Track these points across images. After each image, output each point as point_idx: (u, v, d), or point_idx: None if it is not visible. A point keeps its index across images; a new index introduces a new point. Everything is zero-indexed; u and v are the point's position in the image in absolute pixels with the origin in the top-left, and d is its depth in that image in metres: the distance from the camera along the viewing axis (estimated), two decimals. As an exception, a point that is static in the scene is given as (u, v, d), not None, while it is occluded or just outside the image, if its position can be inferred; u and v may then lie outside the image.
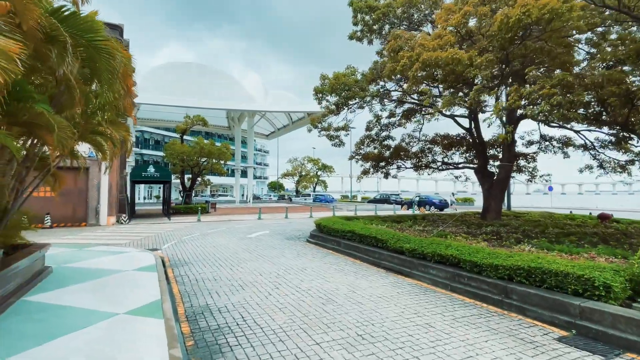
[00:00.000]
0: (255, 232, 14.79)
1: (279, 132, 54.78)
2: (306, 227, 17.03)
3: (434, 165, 16.16)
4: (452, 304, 5.71)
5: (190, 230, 15.56)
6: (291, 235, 13.94)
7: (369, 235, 9.29)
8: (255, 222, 19.52)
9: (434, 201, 30.67)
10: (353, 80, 12.42)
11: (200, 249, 10.67)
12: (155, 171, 19.24)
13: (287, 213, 23.05)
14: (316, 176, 72.33)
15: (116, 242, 12.01)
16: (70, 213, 17.25)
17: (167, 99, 34.19)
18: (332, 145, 15.02)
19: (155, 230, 15.56)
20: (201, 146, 24.75)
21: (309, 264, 8.49)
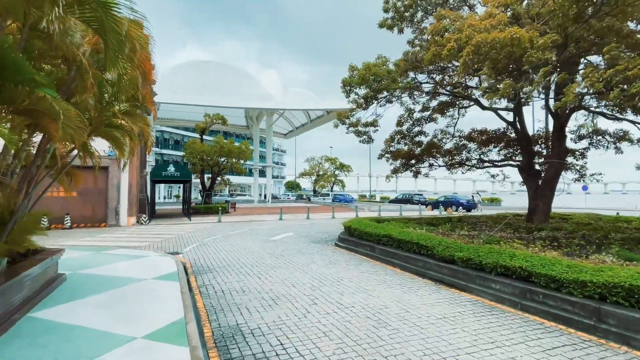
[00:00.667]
0: (279, 234, 14.00)
1: (297, 131, 54.09)
2: (331, 228, 16.14)
3: (469, 163, 14.96)
4: (531, 329, 4.69)
5: (211, 232, 14.91)
6: (317, 238, 13.06)
7: (409, 240, 8.30)
8: (277, 223, 18.76)
9: (460, 201, 29.22)
10: (385, 70, 11.42)
11: (224, 254, 9.92)
12: (175, 170, 18.76)
13: (309, 214, 22.23)
14: (333, 175, 71.41)
15: (135, 245, 11.43)
16: (90, 213, 16.92)
17: (186, 97, 33.95)
18: (360, 142, 14.05)
19: (175, 232, 14.98)
20: (221, 145, 24.21)
21: (345, 273, 7.57)
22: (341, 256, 9.62)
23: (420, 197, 35.02)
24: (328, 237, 13.48)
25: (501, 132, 14.22)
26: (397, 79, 11.62)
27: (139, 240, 12.47)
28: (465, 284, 6.53)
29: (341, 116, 13.21)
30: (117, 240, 12.57)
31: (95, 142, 8.64)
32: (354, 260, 9.02)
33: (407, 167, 14.90)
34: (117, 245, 11.39)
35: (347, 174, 75.67)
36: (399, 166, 14.70)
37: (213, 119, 26.45)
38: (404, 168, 14.88)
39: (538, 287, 5.46)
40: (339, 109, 40.48)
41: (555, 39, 7.22)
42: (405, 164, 14.70)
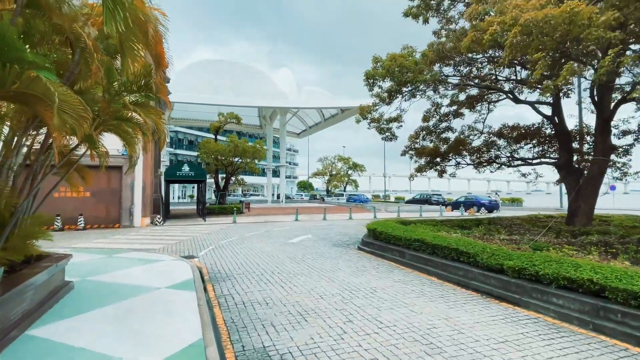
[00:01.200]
0: (297, 237, 13.32)
1: (310, 130, 53.45)
2: (351, 230, 15.39)
3: (499, 161, 14.01)
4: (616, 357, 3.86)
5: (227, 233, 14.34)
6: (338, 241, 12.33)
7: (446, 246, 7.50)
8: (294, 225, 18.11)
9: (482, 202, 28.03)
10: (412, 61, 10.61)
11: (242, 257, 9.28)
12: (189, 170, 18.32)
13: (325, 214, 21.52)
14: (346, 175, 70.49)
15: (149, 248, 10.91)
16: (104, 214, 16.58)
17: (200, 97, 33.68)
18: (383, 139, 13.28)
19: (190, 233, 14.47)
20: (235, 144, 23.71)
21: (377, 283, 6.83)
22: (368, 262, 8.86)
23: (438, 198, 33.88)
24: (349, 239, 12.74)
25: (535, 127, 13.22)
26: (425, 71, 10.80)
27: (153, 243, 11.96)
28: (519, 297, 5.70)
29: (363, 111, 12.45)
30: (130, 242, 12.09)
31: (107, 140, 8.14)
32: (383, 267, 8.26)
33: (432, 165, 14.05)
34: (130, 247, 10.89)
35: (361, 173, 74.77)
36: (423, 164, 13.86)
37: (227, 118, 26.02)
38: (428, 166, 14.04)
39: (614, 304, 4.62)
40: (354, 107, 39.64)
41: (617, 16, 6.32)
42: (430, 162, 13.86)
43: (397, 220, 12.29)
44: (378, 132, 12.97)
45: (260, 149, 25.01)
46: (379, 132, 12.99)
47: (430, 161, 13.91)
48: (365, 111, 12.43)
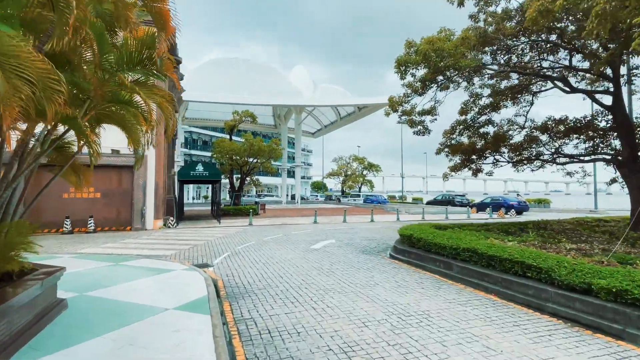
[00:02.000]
0: (319, 242, 12.21)
1: (325, 130, 52.36)
2: (377, 235, 14.19)
3: (542, 158, 12.61)
4: None
5: (243, 237, 13.34)
6: (366, 248, 11.17)
7: (508, 258, 6.25)
8: (313, 228, 17.01)
9: (510, 203, 26.36)
10: (452, 44, 9.36)
11: (262, 267, 8.22)
12: (204, 170, 17.47)
13: (345, 216, 20.36)
14: (362, 175, 69.11)
15: (160, 254, 9.98)
16: (115, 216, 15.82)
17: (214, 95, 33.00)
18: (414, 134, 12.04)
19: (204, 237, 13.54)
20: (251, 143, 22.80)
21: (428, 304, 5.64)
22: (407, 274, 7.67)
23: (462, 199, 32.22)
24: (377, 246, 11.56)
25: (587, 120, 11.77)
26: (465, 55, 9.53)
27: (165, 247, 11.04)
28: (621, 328, 4.44)
29: (393, 103, 11.25)
30: (140, 247, 11.21)
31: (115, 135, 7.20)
32: (427, 282, 7.06)
33: (468, 163, 12.74)
34: (139, 254, 9.98)
35: (376, 173, 73.29)
36: (459, 163, 12.56)
37: (242, 116, 25.15)
38: (464, 165, 12.73)
39: None
40: (372, 104, 38.42)
41: None
42: (466, 160, 12.55)
43: (432, 225, 11.04)
44: (409, 125, 11.75)
45: (276, 148, 24.04)
46: (410, 125, 11.77)
47: (467, 159, 12.61)
48: (396, 103, 11.23)
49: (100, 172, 15.57)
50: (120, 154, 15.83)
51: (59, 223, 14.56)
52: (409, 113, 11.44)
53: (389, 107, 11.42)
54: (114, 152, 15.72)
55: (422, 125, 11.73)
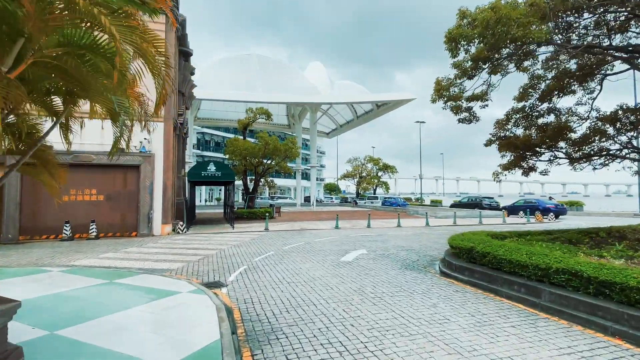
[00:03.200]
0: (349, 252, 10.51)
1: (340, 129, 50.63)
2: (412, 243, 12.40)
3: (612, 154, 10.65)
4: None
5: (260, 246, 11.73)
6: (406, 261, 9.41)
7: (637, 287, 4.43)
8: (336, 234, 15.31)
9: (547, 206, 24.11)
10: (521, 11, 7.55)
11: (288, 288, 6.57)
12: (216, 170, 15.98)
13: (369, 221, 18.59)
14: (377, 177, 67.16)
15: (165, 267, 8.43)
16: (119, 220, 14.42)
17: (226, 93, 31.66)
18: (459, 122, 10.26)
19: (217, 245, 11.98)
20: (266, 141, 21.27)
21: (539, 357, 3.87)
22: (478, 301, 5.89)
23: (491, 201, 29.97)
24: (419, 258, 9.79)
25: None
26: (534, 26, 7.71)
27: (171, 259, 9.51)
28: None
29: (440, 88, 9.48)
30: (143, 257, 9.69)
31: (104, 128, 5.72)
32: (513, 315, 5.27)
33: (521, 161, 10.87)
34: (140, 267, 8.45)
35: (392, 175, 71.25)
36: (514, 159, 10.69)
37: (256, 114, 23.68)
38: (518, 162, 10.86)
39: None
40: (392, 101, 36.56)
41: None
42: (520, 157, 10.68)
43: (487, 233, 9.21)
44: (454, 112, 9.96)
45: (293, 147, 22.46)
46: (455, 112, 9.98)
47: (521, 155, 10.74)
48: (443, 88, 9.45)
49: (103, 172, 14.24)
50: (125, 153, 14.40)
51: (58, 228, 13.21)
52: (456, 98, 9.65)
53: (434, 94, 9.64)
54: (118, 150, 14.31)
55: (469, 112, 9.92)
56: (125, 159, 14.36)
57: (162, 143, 15.06)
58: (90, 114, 4.21)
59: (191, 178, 15.64)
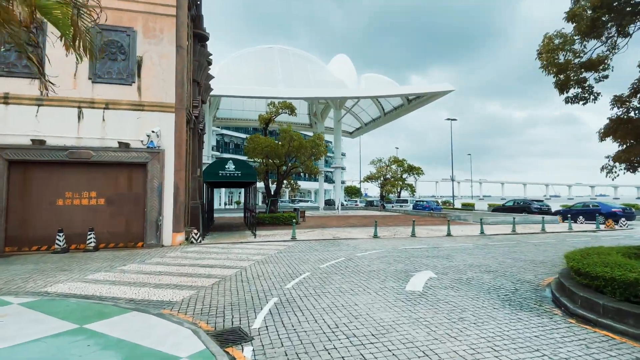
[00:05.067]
0: (410, 275, 7.87)
1: (365, 128, 47.86)
2: (488, 261, 9.61)
3: None
4: None
5: (290, 262, 9.25)
6: (497, 289, 6.70)
7: None
8: (379, 245, 12.68)
9: (614, 210, 20.64)
10: None
11: (349, 347, 4.00)
12: (235, 169, 13.70)
13: (414, 229, 15.81)
14: (401, 179, 63.90)
15: (166, 297, 6.05)
16: (123, 229, 12.27)
17: (245, 89, 29.57)
18: (567, 101, 7.48)
19: (236, 260, 9.59)
20: (290, 136, 18.92)
21: None
22: None
23: (541, 204, 26.53)
24: (512, 285, 7.05)
25: None
26: None
27: (177, 282, 7.15)
28: None
29: (551, 47, 6.75)
30: (142, 280, 7.37)
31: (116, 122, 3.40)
32: None
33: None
34: (132, 297, 6.10)
35: (417, 176, 67.85)
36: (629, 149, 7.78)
37: (279, 108, 21.37)
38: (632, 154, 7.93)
39: None
40: (428, 93, 33.53)
41: None
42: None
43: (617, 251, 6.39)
44: (559, 88, 7.19)
45: (320, 144, 20.03)
46: (560, 88, 7.20)
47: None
48: (554, 48, 6.72)
49: (104, 172, 12.15)
50: (130, 148, 12.34)
51: (51, 238, 11.16)
52: (566, 67, 6.90)
53: (544, 56, 6.89)
54: (121, 145, 12.24)
55: (582, 85, 7.12)
56: (129, 156, 12.25)
57: (172, 137, 12.87)
58: None
59: (207, 178, 13.43)
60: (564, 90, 7.25)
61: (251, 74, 31.60)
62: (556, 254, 10.52)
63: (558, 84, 7.21)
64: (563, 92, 7.33)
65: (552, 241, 13.65)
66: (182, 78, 13.28)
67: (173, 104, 12.97)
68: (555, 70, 6.93)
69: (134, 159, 12.29)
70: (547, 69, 6.99)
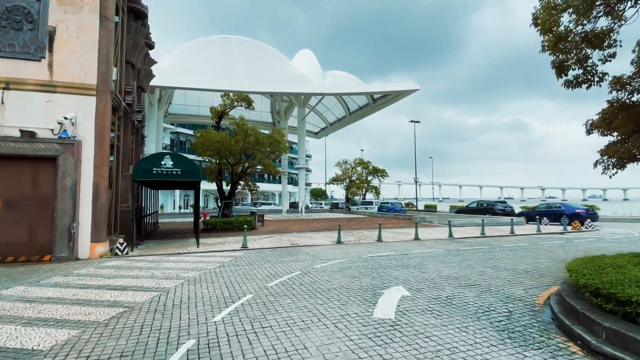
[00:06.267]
0: (379, 293, 6.31)
1: (330, 128, 46.57)
2: (465, 271, 8.30)
3: None
4: None
5: (231, 281, 7.40)
6: (487, 312, 5.31)
7: None
8: (343, 253, 11.11)
9: (577, 211, 20.60)
10: None
11: None
12: (174, 165, 11.55)
13: (380, 233, 14.41)
14: (367, 181, 63.46)
15: (35, 340, 4.00)
16: (25, 238, 9.78)
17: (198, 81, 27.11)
18: (566, 86, 6.29)
19: (161, 280, 7.57)
20: (245, 130, 16.90)
21: None
22: None
23: (504, 206, 26.41)
24: (505, 305, 5.68)
25: None
26: None
27: (62, 314, 5.08)
28: None
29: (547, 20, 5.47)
30: (17, 310, 5.21)
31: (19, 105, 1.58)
32: None
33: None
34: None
35: (382, 179, 67.84)
36: (630, 141, 6.76)
37: (234, 100, 19.29)
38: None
39: None
40: (393, 92, 32.74)
41: None
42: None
43: (630, 259, 5.20)
44: (557, 69, 5.98)
45: (279, 140, 18.20)
46: (558, 68, 5.99)
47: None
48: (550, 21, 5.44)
49: (1, 166, 9.65)
50: (36, 139, 9.93)
51: None
52: (565, 38, 5.68)
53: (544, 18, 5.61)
54: (24, 134, 9.80)
55: (584, 63, 5.95)
56: (34, 148, 9.83)
57: (93, 126, 10.56)
58: None
59: (137, 177, 11.17)
60: (563, 71, 6.07)
61: (206, 65, 29.14)
62: (537, 261, 9.48)
63: (556, 64, 6.01)
64: (561, 75, 6.15)
65: (526, 245, 12.78)
66: (107, 55, 10.99)
67: (94, 85, 10.65)
68: (553, 40, 5.70)
69: (40, 151, 9.86)
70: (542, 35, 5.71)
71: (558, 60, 5.98)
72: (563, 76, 6.17)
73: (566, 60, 5.95)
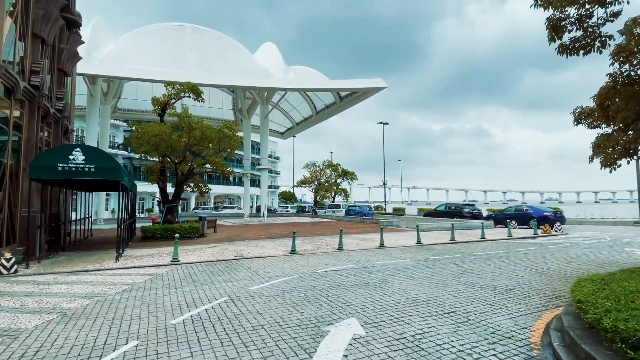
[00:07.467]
0: (325, 330, 4.55)
1: (297, 128, 44.73)
2: (435, 291, 6.71)
3: None
4: None
5: (120, 317, 5.38)
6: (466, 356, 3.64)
7: None
8: (292, 267, 9.31)
9: (546, 214, 20.00)
10: None
11: None
12: (86, 161, 9.24)
13: (341, 240, 12.74)
14: (336, 184, 62.18)
15: None
16: None
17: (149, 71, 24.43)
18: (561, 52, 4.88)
19: (24, 317, 5.42)
20: (188, 123, 14.69)
21: None
22: None
23: (472, 209, 25.72)
24: (486, 343, 4.08)
25: None
26: None
27: None
28: None
29: None
30: None
31: None
32: None
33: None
34: None
35: (351, 181, 66.86)
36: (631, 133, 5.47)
37: (180, 91, 16.98)
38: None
39: None
40: (361, 89, 31.39)
41: None
42: None
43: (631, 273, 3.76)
44: (552, 29, 4.55)
45: (230, 135, 16.15)
46: (553, 29, 4.57)
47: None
48: None
49: None
50: None
51: None
52: None
53: None
54: None
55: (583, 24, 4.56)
56: None
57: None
58: None
59: (36, 175, 8.78)
60: (558, 33, 4.66)
61: (157, 55, 26.47)
62: (517, 274, 8.13)
63: (552, 23, 4.59)
64: (555, 39, 4.73)
65: (500, 252, 11.56)
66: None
67: (-30, 55, 8.24)
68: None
69: None
70: None
71: (555, 18, 4.59)
72: (557, 40, 4.79)
73: (564, 18, 4.57)
